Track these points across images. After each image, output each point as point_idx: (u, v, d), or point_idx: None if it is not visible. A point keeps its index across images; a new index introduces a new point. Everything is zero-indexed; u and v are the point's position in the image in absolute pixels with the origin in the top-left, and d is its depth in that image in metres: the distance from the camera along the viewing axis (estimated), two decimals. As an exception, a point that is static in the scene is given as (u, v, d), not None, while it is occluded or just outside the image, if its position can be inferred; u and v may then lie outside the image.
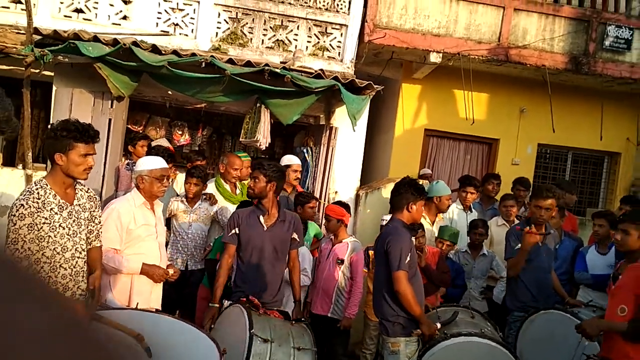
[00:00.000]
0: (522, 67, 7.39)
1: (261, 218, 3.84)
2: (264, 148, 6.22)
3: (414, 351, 3.63)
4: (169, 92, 5.90)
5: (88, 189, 3.21)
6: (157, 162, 3.68)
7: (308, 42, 6.61)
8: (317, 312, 4.70)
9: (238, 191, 5.42)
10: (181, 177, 5.61)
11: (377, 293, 3.86)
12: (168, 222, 4.79)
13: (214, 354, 2.76)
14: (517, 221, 5.42)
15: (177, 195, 5.12)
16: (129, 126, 7.12)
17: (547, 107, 7.42)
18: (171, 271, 3.68)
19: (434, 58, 7.08)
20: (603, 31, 7.40)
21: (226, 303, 3.76)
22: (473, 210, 5.95)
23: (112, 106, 5.76)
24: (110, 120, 5.74)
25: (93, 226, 3.16)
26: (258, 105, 5.93)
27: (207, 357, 2.77)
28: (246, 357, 3.16)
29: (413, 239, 4.55)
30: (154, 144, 6.60)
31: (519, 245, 4.34)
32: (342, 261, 4.61)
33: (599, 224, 5.14)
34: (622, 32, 7.42)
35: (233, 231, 3.83)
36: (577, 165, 8.71)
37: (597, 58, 7.40)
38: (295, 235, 3.94)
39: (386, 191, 6.79)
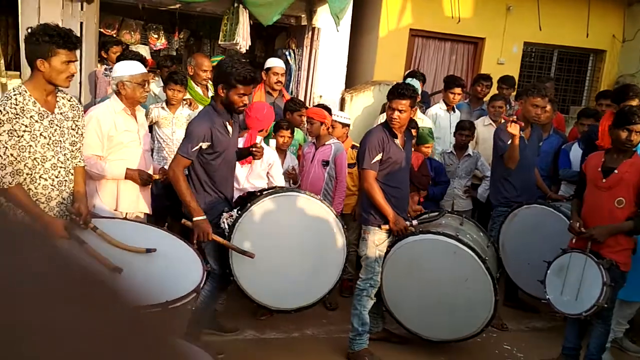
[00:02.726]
0: (511, -39, 7.06)
1: (227, 125, 3.49)
2: (244, 51, 6.01)
3: (383, 240, 3.80)
4: (141, -8, 5.58)
5: (71, 97, 3.07)
6: (137, 67, 3.52)
7: None
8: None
9: (210, 93, 5.27)
10: (155, 83, 5.40)
11: (360, 187, 4.16)
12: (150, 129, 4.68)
13: (198, 270, 2.69)
14: (503, 121, 5.41)
15: (157, 101, 4.98)
16: (102, 30, 6.77)
17: (534, 4, 7.19)
18: (157, 176, 3.63)
19: (420, -49, 6.71)
20: None
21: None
22: (456, 110, 5.92)
23: (82, 9, 5.45)
24: (81, 23, 5.45)
25: (77, 137, 3.04)
26: (236, 5, 5.64)
27: (191, 274, 2.66)
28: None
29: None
30: (133, 50, 6.29)
31: (510, 141, 4.37)
32: (327, 162, 4.62)
33: (588, 124, 5.15)
34: None
35: (204, 144, 3.34)
36: (562, 63, 8.60)
37: (588, -50, 7.09)
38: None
39: (372, 93, 6.70)
